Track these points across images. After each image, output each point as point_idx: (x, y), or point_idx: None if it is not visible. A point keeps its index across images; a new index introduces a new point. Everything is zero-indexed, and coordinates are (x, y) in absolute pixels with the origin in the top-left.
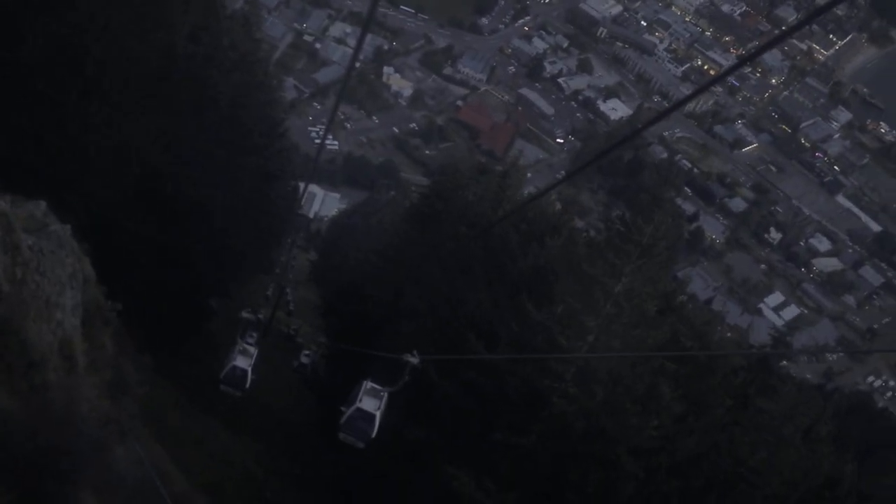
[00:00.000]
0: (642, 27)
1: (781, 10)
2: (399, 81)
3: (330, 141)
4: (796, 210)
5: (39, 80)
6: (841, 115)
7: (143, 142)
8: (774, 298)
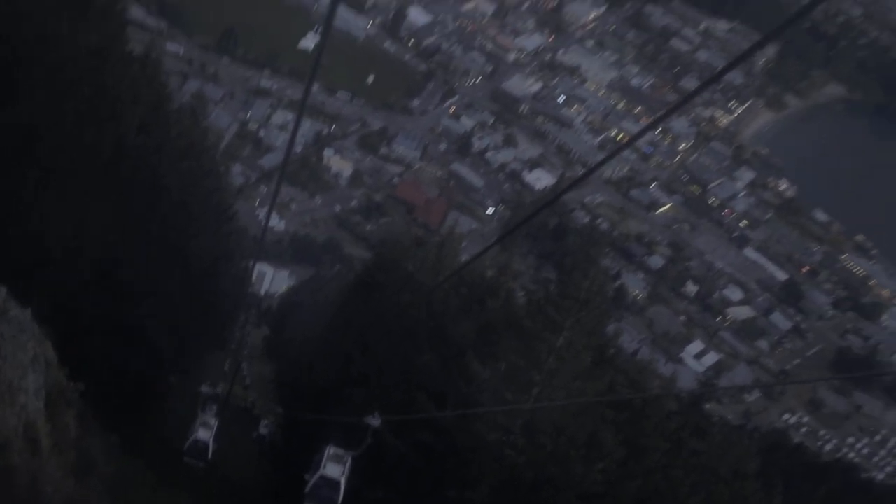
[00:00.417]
0: (560, 103)
1: (686, 82)
2: (339, 162)
3: (276, 221)
4: (709, 264)
5: None
6: (745, 175)
7: (98, 229)
8: (695, 347)
